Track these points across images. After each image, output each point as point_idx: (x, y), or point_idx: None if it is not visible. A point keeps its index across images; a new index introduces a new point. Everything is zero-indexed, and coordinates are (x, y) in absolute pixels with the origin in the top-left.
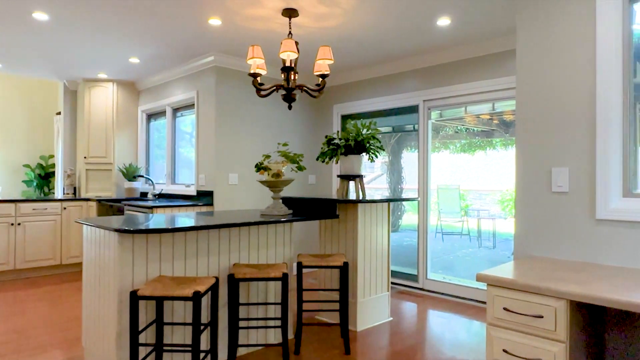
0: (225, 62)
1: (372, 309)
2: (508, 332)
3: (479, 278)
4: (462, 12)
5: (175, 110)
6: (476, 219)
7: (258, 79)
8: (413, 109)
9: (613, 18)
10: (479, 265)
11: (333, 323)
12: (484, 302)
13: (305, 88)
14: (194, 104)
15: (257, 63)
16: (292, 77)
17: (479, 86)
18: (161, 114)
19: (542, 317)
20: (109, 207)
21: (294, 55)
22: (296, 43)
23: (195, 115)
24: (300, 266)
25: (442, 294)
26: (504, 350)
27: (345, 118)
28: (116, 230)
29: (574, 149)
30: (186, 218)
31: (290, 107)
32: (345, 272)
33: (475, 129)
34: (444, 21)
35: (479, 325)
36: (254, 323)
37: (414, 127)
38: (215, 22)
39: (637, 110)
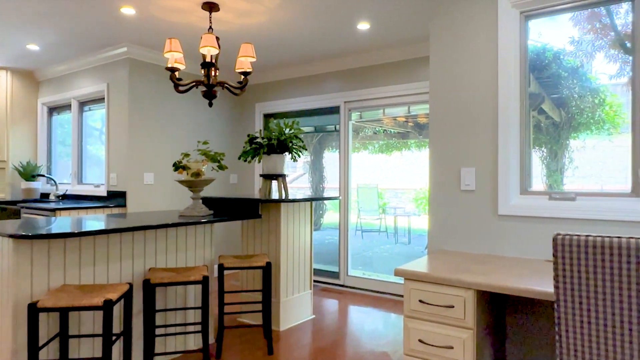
0: (140, 54)
1: (295, 308)
2: (423, 323)
3: (397, 273)
4: (381, 18)
5: (83, 104)
6: (393, 217)
7: (176, 73)
8: (334, 110)
9: (512, 32)
10: (395, 260)
11: (256, 324)
12: (401, 295)
13: (227, 85)
14: (104, 98)
15: (175, 57)
16: (213, 73)
17: (396, 90)
18: (66, 107)
19: (453, 307)
20: (2, 210)
21: (214, 51)
22: (217, 38)
23: (106, 109)
24: (221, 268)
25: (362, 289)
26: (420, 340)
27: (267, 117)
28: (11, 236)
29: (479, 151)
30: (95, 221)
31: (210, 104)
32: (268, 272)
33: (392, 130)
34: (363, 25)
35: (396, 318)
36: (172, 330)
37: (335, 128)
38: (128, 10)
39: (530, 117)
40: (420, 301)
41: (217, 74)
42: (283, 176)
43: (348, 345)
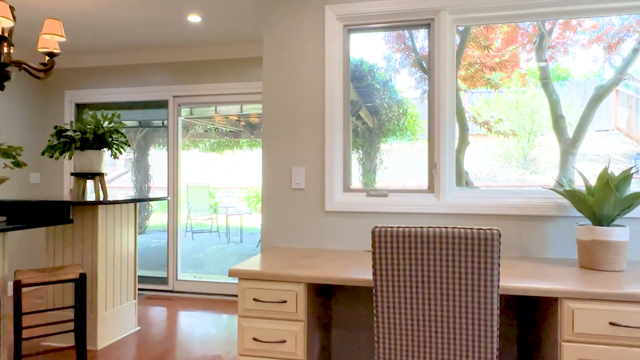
0: None
1: (116, 322)
2: (258, 321)
3: (231, 273)
4: (212, 13)
5: None
6: (225, 216)
7: None
8: (162, 104)
9: (337, 43)
10: (228, 260)
11: (67, 346)
12: (236, 295)
13: (26, 66)
14: None
15: None
16: (6, 49)
17: (229, 87)
18: None
19: (285, 301)
20: None
21: (8, 23)
22: (12, 8)
23: None
24: (18, 285)
25: (194, 293)
26: (254, 339)
27: (81, 107)
28: None
29: (309, 152)
30: None
31: (2, 87)
32: (82, 285)
33: (225, 129)
34: (194, 18)
35: (229, 319)
36: None
37: (163, 123)
38: None
39: (350, 122)
40: (254, 299)
41: (11, 51)
42: (101, 175)
43: (178, 353)
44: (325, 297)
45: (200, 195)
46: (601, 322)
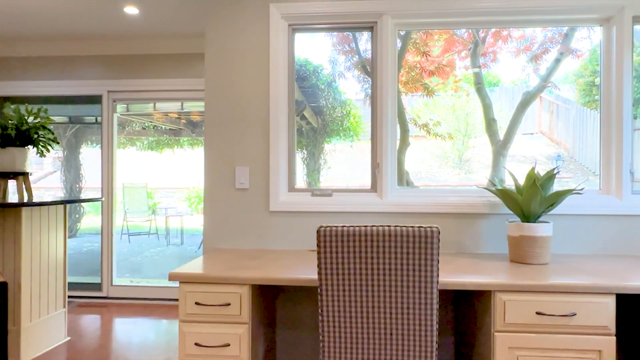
0: None
1: (43, 333)
2: (200, 325)
3: (172, 277)
4: (150, 5)
5: None
6: (164, 217)
7: None
8: (95, 99)
9: (282, 42)
10: (168, 263)
11: None
12: (176, 299)
13: None
14: None
15: None
16: None
17: (168, 84)
18: None
19: (229, 304)
20: None
21: None
22: None
23: None
24: None
25: (131, 298)
26: (196, 344)
27: (2, 101)
28: None
29: (253, 151)
30: None
31: None
32: (2, 295)
33: (164, 126)
34: (131, 9)
35: (169, 324)
36: None
37: (96, 120)
38: None
39: (295, 122)
40: (196, 303)
41: None
42: (25, 174)
43: None
44: (270, 298)
45: (138, 196)
46: (529, 312)
